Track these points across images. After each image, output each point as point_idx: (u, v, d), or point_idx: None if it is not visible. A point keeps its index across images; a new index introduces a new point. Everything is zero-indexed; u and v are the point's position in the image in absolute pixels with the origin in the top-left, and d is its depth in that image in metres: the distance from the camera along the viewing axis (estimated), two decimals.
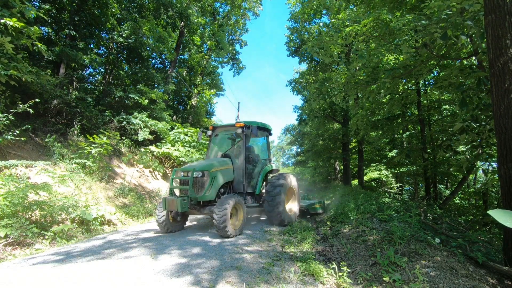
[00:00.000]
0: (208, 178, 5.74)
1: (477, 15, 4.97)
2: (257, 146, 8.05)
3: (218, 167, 6.05)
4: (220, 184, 6.02)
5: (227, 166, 6.36)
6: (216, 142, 7.84)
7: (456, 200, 12.51)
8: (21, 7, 6.92)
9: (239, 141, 7.02)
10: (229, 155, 6.88)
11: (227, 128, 7.41)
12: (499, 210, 1.18)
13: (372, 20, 7.03)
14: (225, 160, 6.49)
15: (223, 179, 6.13)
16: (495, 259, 4.02)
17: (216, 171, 5.94)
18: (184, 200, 5.36)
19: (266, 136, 7.96)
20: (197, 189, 5.71)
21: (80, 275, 3.56)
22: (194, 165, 6.06)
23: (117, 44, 14.54)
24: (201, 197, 5.64)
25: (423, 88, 11.33)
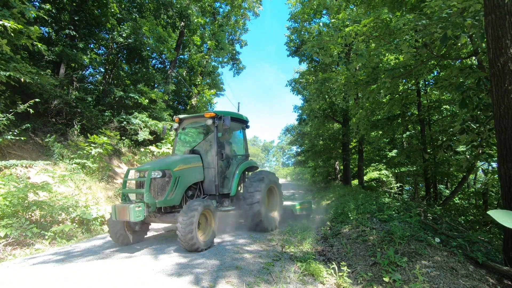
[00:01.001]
0: (171, 178, 4.86)
1: (477, 15, 4.97)
2: (233, 140, 7.00)
3: (184, 165, 5.19)
4: (187, 186, 5.19)
5: (195, 163, 5.49)
6: (184, 137, 6.89)
7: (456, 200, 12.50)
8: (21, 7, 6.92)
9: (209, 134, 6.10)
10: (198, 151, 5.92)
11: (195, 120, 6.39)
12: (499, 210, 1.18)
13: (372, 20, 7.02)
14: (193, 157, 5.61)
15: (191, 180, 5.30)
16: (495, 259, 4.02)
17: (181, 170, 5.08)
18: (138, 207, 4.32)
19: (243, 129, 6.97)
20: (156, 192, 4.76)
21: (80, 275, 3.56)
22: (153, 163, 5.16)
23: (117, 44, 14.54)
24: (161, 202, 4.70)
25: (423, 88, 11.33)
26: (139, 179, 4.79)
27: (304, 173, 31.46)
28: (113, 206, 4.49)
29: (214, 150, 5.75)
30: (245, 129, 7.04)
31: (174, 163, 5.09)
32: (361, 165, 17.37)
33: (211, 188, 5.73)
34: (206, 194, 5.73)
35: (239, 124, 6.77)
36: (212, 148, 5.86)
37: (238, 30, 25.49)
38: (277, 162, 74.35)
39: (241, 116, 6.82)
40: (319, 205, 12.13)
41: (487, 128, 5.47)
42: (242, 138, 7.07)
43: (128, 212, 4.26)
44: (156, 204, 4.65)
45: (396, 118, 11.84)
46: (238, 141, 7.21)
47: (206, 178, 5.73)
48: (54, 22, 11.83)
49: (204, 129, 6.51)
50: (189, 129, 6.83)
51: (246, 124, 7.02)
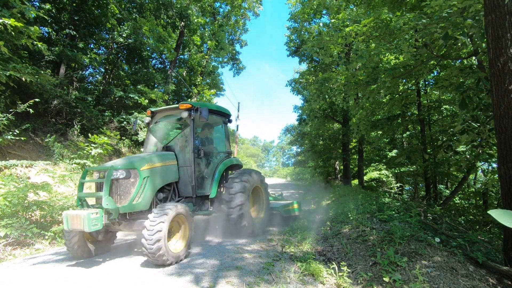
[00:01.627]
0: (137, 179, 4.19)
1: (477, 15, 4.97)
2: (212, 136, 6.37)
3: (154, 164, 4.55)
4: (158, 187, 4.52)
5: (167, 162, 4.84)
6: (157, 132, 6.07)
7: (456, 200, 12.50)
8: (21, 7, 6.92)
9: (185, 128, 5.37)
10: (173, 147, 5.29)
11: (170, 112, 5.66)
12: (499, 210, 1.18)
13: (372, 20, 7.02)
14: (165, 154, 4.96)
15: (162, 180, 4.65)
16: (495, 259, 4.02)
17: (150, 170, 4.42)
18: (95, 214, 3.66)
19: (224, 123, 6.30)
20: (118, 196, 4.08)
21: (80, 275, 3.56)
22: (115, 161, 4.46)
23: (117, 44, 14.54)
24: (125, 207, 4.05)
25: (423, 88, 11.33)
26: (98, 180, 4.14)
27: (304, 173, 31.45)
28: (65, 214, 3.74)
29: (191, 146, 5.02)
30: (227, 123, 6.36)
31: (142, 161, 4.43)
32: (361, 165, 17.38)
33: (187, 189, 5.05)
34: (182, 196, 5.07)
35: (220, 118, 6.12)
36: (188, 144, 5.13)
37: (238, 30, 25.51)
38: (277, 162, 74.35)
39: (222, 109, 6.19)
40: (319, 205, 12.13)
41: (487, 128, 5.47)
42: (224, 134, 6.35)
43: (82, 221, 3.56)
44: (119, 209, 3.96)
45: (396, 118, 11.84)
46: (219, 136, 6.51)
47: (181, 178, 5.05)
48: (54, 22, 11.84)
49: (180, 123, 5.74)
50: (163, 123, 5.99)
51: (228, 118, 6.38)
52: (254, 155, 57.14)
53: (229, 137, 6.49)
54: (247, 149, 56.82)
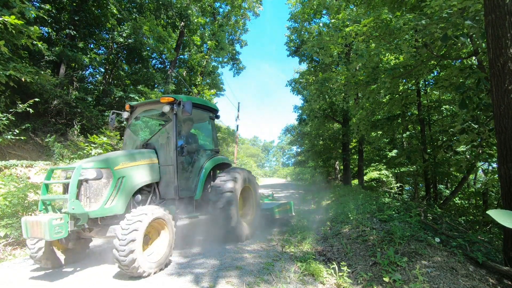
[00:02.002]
0: (110, 180, 3.76)
1: (477, 15, 4.98)
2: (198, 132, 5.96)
3: (130, 163, 4.12)
4: (135, 189, 4.08)
5: (147, 160, 4.43)
6: (137, 128, 5.63)
7: (456, 200, 12.51)
8: (21, 7, 6.93)
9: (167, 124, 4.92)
10: (153, 145, 4.87)
11: (151, 107, 5.22)
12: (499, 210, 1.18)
13: (372, 20, 7.02)
14: (144, 152, 4.54)
15: (141, 181, 4.20)
16: (495, 259, 4.03)
17: (126, 169, 4.01)
18: (58, 220, 3.21)
19: (211, 119, 5.86)
20: (88, 199, 3.60)
21: (80, 275, 3.56)
22: (85, 160, 3.98)
23: (117, 44, 14.54)
24: (96, 212, 3.59)
25: (423, 88, 11.33)
26: (64, 181, 3.65)
27: (304, 173, 31.46)
28: (23, 220, 3.27)
29: (173, 143, 4.61)
30: (214, 119, 5.93)
31: (116, 159, 4.01)
32: (361, 165, 17.38)
33: (169, 190, 4.60)
34: (164, 198, 4.62)
35: (206, 113, 5.70)
36: (170, 141, 4.70)
37: (238, 30, 25.50)
38: (277, 162, 74.39)
39: (209, 104, 5.79)
40: (319, 205, 12.13)
41: (487, 128, 5.47)
42: (211, 130, 5.94)
43: (43, 228, 3.10)
44: (88, 214, 3.50)
45: (396, 118, 11.84)
46: (205, 133, 6.13)
47: (162, 178, 4.63)
48: (54, 22, 11.84)
49: (162, 118, 5.38)
50: (143, 118, 5.56)
51: (215, 114, 5.95)
52: (254, 155, 57.15)
53: (216, 134, 6.05)
54: (247, 149, 56.84)
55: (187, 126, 5.40)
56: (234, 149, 26.31)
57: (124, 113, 5.30)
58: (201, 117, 5.74)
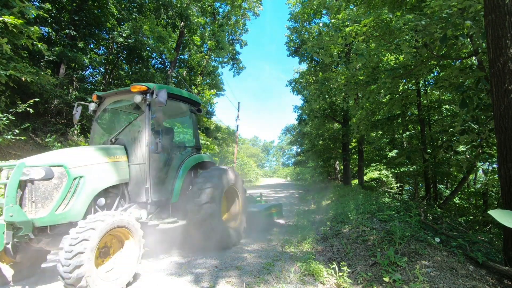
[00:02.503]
0: (64, 180, 3.21)
1: (477, 15, 4.98)
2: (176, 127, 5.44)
3: (92, 160, 3.56)
4: (97, 191, 3.49)
5: (113, 158, 3.86)
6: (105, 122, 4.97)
7: (456, 200, 12.51)
8: (21, 6, 6.93)
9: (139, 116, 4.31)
10: (123, 140, 4.29)
11: (121, 97, 4.58)
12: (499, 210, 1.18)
13: (372, 20, 7.03)
14: (110, 149, 3.98)
15: (105, 181, 3.64)
16: (495, 259, 4.02)
17: (86, 168, 3.42)
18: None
19: (192, 113, 5.27)
20: (33, 203, 3.05)
21: None
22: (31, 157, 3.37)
23: (117, 44, 14.54)
24: (43, 219, 3.03)
25: (423, 88, 11.33)
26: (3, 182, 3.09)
27: (304, 173, 31.48)
28: None
29: (146, 138, 4.04)
30: (195, 113, 5.35)
31: (73, 156, 3.47)
32: (361, 165, 17.38)
33: (140, 193, 4.04)
34: (134, 202, 4.07)
35: (186, 106, 5.13)
36: (142, 136, 4.11)
37: (238, 30, 25.50)
38: (277, 162, 74.41)
39: (189, 96, 5.16)
40: (319, 205, 12.13)
41: (487, 128, 5.47)
42: (192, 125, 5.38)
43: None
44: (34, 222, 2.95)
45: (396, 118, 11.85)
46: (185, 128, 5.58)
47: (132, 179, 4.05)
48: (54, 22, 11.83)
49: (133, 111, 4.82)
50: (113, 110, 4.96)
51: (198, 107, 5.37)
52: (254, 155, 57.14)
53: (197, 129, 5.48)
54: (247, 149, 56.85)
55: (163, 119, 4.83)
56: (234, 149, 26.31)
57: (91, 105, 4.68)
58: (181, 110, 5.19)
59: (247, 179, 24.98)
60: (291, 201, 14.15)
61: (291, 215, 8.94)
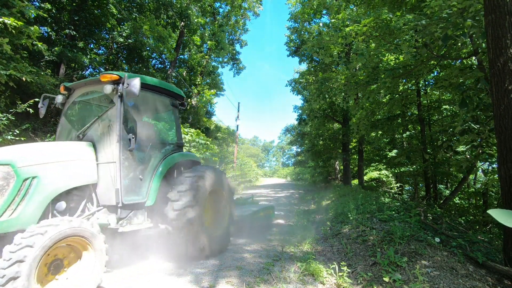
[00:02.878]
0: (11, 181, 2.83)
1: (477, 15, 4.98)
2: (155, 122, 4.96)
3: (49, 160, 3.13)
4: (55, 194, 3.10)
5: (77, 155, 3.46)
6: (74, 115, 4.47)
7: (456, 200, 12.51)
8: (21, 6, 6.93)
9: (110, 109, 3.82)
10: (91, 136, 3.85)
11: (90, 88, 4.16)
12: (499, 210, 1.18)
13: (372, 20, 7.03)
14: (74, 145, 3.62)
15: (66, 183, 3.23)
16: (495, 259, 4.02)
17: (41, 167, 3.02)
18: None
19: (174, 107, 4.80)
20: None
21: None
22: None
23: (117, 44, 14.54)
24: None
25: (423, 88, 11.34)
26: None
27: (304, 173, 31.47)
28: None
29: (116, 134, 3.57)
30: (177, 107, 4.87)
31: (24, 154, 3.03)
32: (361, 165, 17.39)
33: (107, 195, 3.57)
34: (103, 205, 3.60)
35: (167, 99, 4.66)
36: (112, 132, 3.66)
37: (238, 30, 25.50)
38: (277, 162, 74.42)
39: (170, 88, 4.69)
40: (319, 205, 12.13)
41: (487, 128, 5.47)
42: (174, 120, 4.89)
43: None
44: None
45: (396, 118, 11.85)
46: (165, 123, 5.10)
47: (101, 179, 3.59)
48: (54, 22, 11.83)
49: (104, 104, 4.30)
50: (83, 103, 4.46)
51: (181, 101, 4.92)
52: (254, 155, 57.16)
53: (180, 125, 5.00)
54: (247, 149, 56.87)
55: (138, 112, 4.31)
56: (234, 149, 26.30)
57: (58, 97, 4.30)
58: (160, 104, 4.68)
59: (247, 179, 24.96)
60: (291, 201, 14.15)
61: (291, 215, 8.94)
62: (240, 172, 24.37)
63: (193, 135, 14.00)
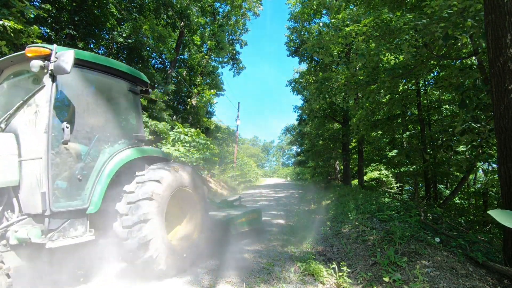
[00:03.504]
0: None
1: (477, 15, 4.98)
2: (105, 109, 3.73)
3: None
4: None
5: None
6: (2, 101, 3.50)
7: (456, 200, 12.51)
8: (21, 6, 6.92)
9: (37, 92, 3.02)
10: (13, 126, 3.09)
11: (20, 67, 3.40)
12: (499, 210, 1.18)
13: (372, 20, 7.03)
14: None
15: None
16: (495, 259, 4.02)
17: None
18: None
19: (133, 93, 3.98)
20: None
21: (80, 275, 3.55)
22: None
23: (117, 44, 14.55)
24: None
25: (423, 88, 11.34)
26: None
27: (304, 173, 31.49)
28: None
29: (45, 122, 2.85)
30: (138, 93, 4.08)
31: None
32: (361, 165, 17.40)
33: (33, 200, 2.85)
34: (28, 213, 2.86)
35: (123, 83, 3.84)
36: (39, 119, 2.93)
37: (238, 30, 25.49)
38: (277, 162, 74.45)
39: (126, 69, 3.87)
40: (319, 205, 12.13)
41: (487, 128, 5.47)
42: (133, 109, 4.03)
43: None
44: None
45: (396, 118, 11.85)
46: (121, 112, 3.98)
47: (24, 181, 2.89)
48: (54, 22, 11.83)
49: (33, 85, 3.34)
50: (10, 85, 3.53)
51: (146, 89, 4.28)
52: (254, 155, 57.16)
53: (140, 115, 4.16)
54: (247, 149, 56.88)
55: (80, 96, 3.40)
56: (234, 149, 26.31)
57: None
58: (113, 88, 3.79)
59: (247, 179, 24.97)
60: (291, 201, 14.14)
61: (291, 215, 8.94)
62: (240, 172, 24.37)
63: (193, 135, 14.00)
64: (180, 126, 14.20)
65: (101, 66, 3.51)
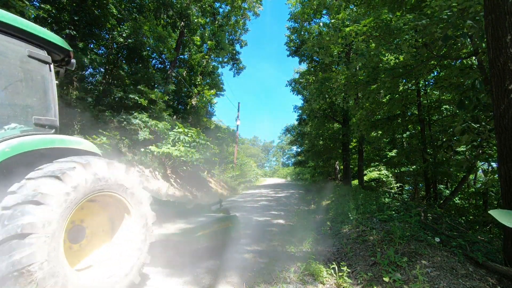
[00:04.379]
0: None
1: (477, 15, 4.98)
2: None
3: None
4: None
5: None
6: None
7: (456, 200, 12.51)
8: (21, 6, 6.93)
9: None
10: None
11: None
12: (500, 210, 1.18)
13: (372, 20, 7.03)
14: None
15: None
16: (495, 259, 4.02)
17: None
18: None
19: (40, 61, 2.90)
20: None
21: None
22: None
23: (117, 44, 14.55)
24: None
25: (423, 88, 11.34)
26: None
27: (304, 173, 31.49)
28: None
29: None
30: (50, 63, 3.02)
31: None
32: (361, 165, 17.40)
33: None
34: None
35: (18, 46, 2.74)
36: None
37: (238, 30, 25.50)
38: (277, 162, 74.43)
39: (28, 27, 2.78)
40: (319, 205, 12.13)
41: (487, 128, 5.47)
42: (37, 82, 2.91)
43: None
44: None
45: (396, 118, 11.85)
46: (17, 86, 2.76)
47: None
48: (54, 22, 11.83)
49: None
50: None
51: (64, 57, 3.34)
52: (254, 155, 57.17)
53: (53, 94, 3.12)
54: (247, 149, 56.87)
55: None
56: (234, 149, 26.31)
57: None
58: (15, 53, 2.70)
59: (247, 179, 24.96)
60: (291, 201, 14.14)
61: (291, 215, 8.94)
62: (240, 172, 24.37)
63: (193, 135, 14.00)
64: (180, 126, 14.21)
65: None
